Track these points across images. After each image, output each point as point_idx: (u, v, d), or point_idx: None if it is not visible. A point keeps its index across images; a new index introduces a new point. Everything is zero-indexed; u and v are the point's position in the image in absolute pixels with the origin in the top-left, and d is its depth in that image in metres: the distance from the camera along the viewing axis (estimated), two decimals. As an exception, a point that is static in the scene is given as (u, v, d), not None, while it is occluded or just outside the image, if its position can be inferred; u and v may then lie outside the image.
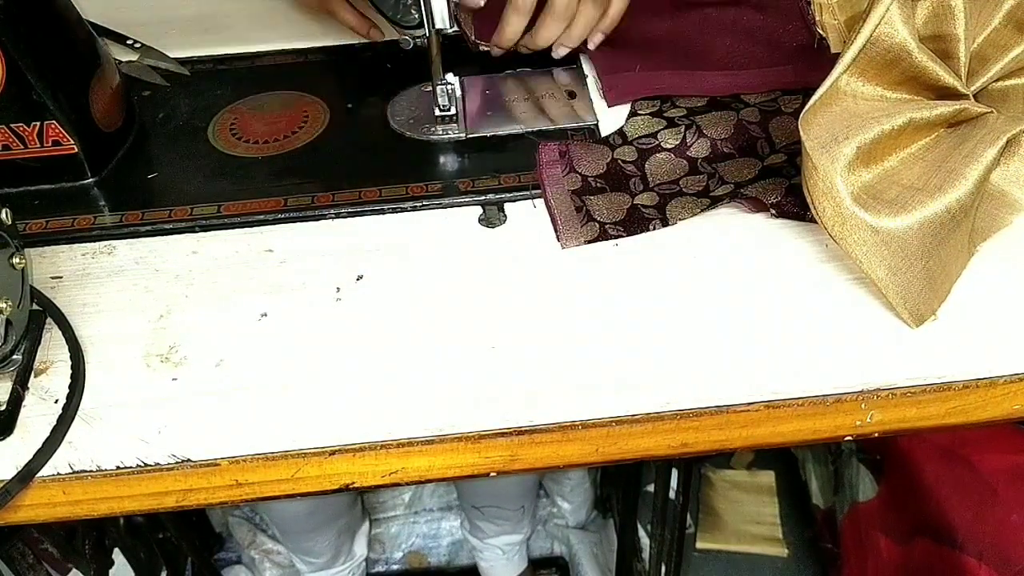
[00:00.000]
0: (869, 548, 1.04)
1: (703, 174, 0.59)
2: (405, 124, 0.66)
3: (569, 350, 0.49)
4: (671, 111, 0.63)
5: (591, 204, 0.57)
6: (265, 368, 0.49)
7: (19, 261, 0.49)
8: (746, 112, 0.62)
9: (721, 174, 0.58)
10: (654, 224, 0.55)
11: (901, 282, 0.48)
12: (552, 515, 1.44)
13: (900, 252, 0.48)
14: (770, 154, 0.59)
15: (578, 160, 0.60)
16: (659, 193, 0.57)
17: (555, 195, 0.58)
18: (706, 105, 0.64)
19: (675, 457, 0.51)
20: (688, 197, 0.57)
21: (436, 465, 0.47)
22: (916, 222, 0.48)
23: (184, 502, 0.46)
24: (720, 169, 0.59)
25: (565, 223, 0.56)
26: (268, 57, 0.75)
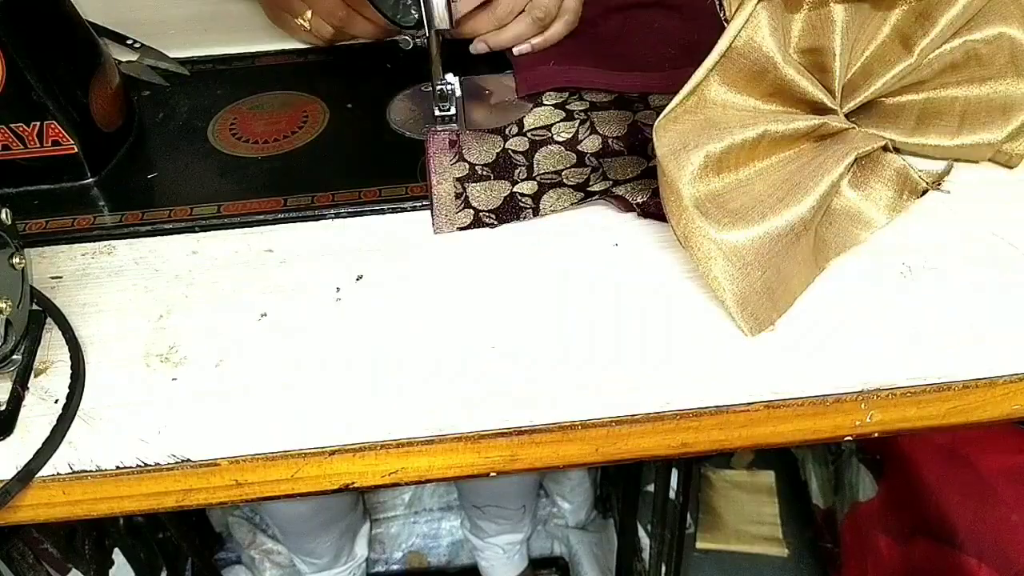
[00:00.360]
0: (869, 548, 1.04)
1: (587, 167, 0.60)
2: (405, 124, 0.66)
3: (569, 350, 0.49)
4: (574, 103, 0.66)
5: (471, 191, 0.58)
6: (265, 368, 0.49)
7: (19, 261, 0.49)
8: (644, 114, 0.64)
9: (605, 169, 0.60)
10: (526, 214, 0.57)
11: (738, 291, 0.49)
12: (552, 515, 1.44)
13: (738, 262, 0.48)
14: None
15: (468, 149, 0.62)
16: (539, 182, 0.59)
17: (438, 182, 0.59)
18: (610, 102, 0.66)
19: (675, 457, 0.51)
20: (565, 189, 0.58)
21: (436, 465, 0.47)
22: (756, 234, 0.49)
23: (184, 502, 0.46)
24: (605, 165, 0.60)
25: (442, 210, 0.57)
26: (268, 57, 0.75)
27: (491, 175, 0.60)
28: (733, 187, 0.51)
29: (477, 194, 0.58)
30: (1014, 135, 0.57)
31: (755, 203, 0.50)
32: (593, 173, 0.60)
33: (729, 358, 0.48)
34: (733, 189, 0.51)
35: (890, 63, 0.55)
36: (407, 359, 0.49)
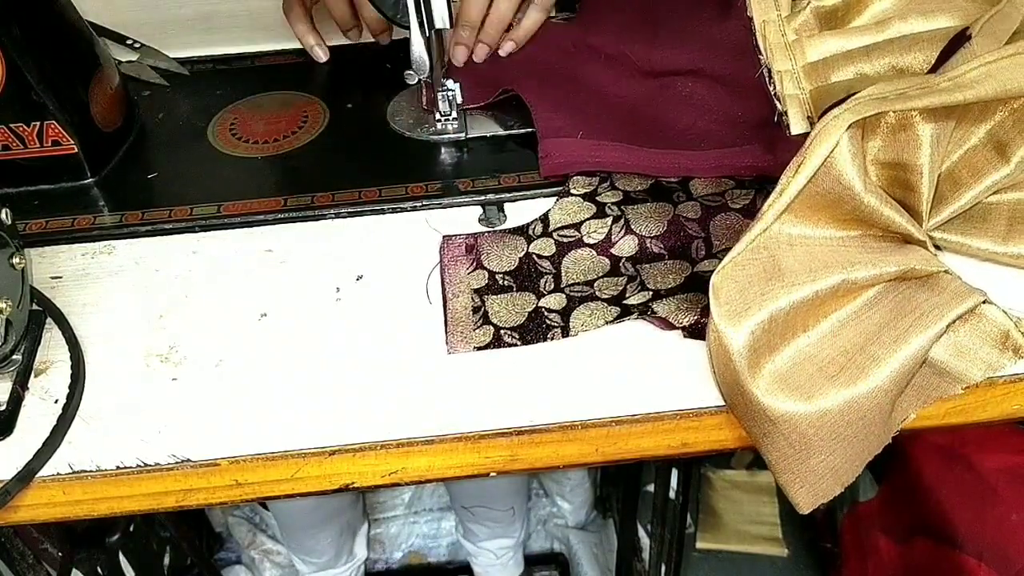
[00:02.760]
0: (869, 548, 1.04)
1: (623, 276, 0.52)
2: (405, 124, 0.66)
3: (569, 350, 0.49)
4: (606, 194, 0.57)
5: (491, 305, 0.51)
6: (265, 368, 0.49)
7: (19, 261, 0.49)
8: (686, 206, 0.55)
9: (643, 278, 0.52)
10: (553, 333, 0.50)
11: (795, 471, 0.43)
12: (552, 515, 1.44)
13: (799, 443, 0.42)
14: (704, 258, 0.53)
15: (487, 255, 0.54)
16: (568, 295, 0.52)
17: (454, 295, 0.52)
18: (646, 191, 0.57)
19: (675, 457, 0.51)
20: (598, 304, 0.51)
21: (436, 465, 0.47)
22: (821, 412, 0.42)
23: (184, 502, 0.46)
24: (644, 272, 0.52)
25: (457, 325, 0.50)
26: (268, 57, 0.76)
27: (513, 285, 0.53)
28: (794, 359, 0.44)
29: (498, 309, 0.51)
30: None
31: (823, 374, 0.43)
32: (630, 283, 0.52)
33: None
34: (799, 358, 0.44)
35: (982, 172, 0.48)
36: (407, 359, 0.49)
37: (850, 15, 0.60)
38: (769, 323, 0.42)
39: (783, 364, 0.43)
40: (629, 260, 0.53)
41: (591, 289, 0.52)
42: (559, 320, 0.50)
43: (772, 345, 0.43)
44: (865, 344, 0.44)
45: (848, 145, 0.42)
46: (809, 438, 0.42)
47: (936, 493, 0.89)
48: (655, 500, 1.03)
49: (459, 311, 0.51)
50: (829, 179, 0.43)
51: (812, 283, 0.43)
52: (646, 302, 0.50)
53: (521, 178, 0.60)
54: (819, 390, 0.42)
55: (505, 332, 0.50)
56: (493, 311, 0.51)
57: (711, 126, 0.61)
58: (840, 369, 0.43)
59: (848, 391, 0.42)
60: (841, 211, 0.45)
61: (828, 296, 0.43)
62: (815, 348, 0.44)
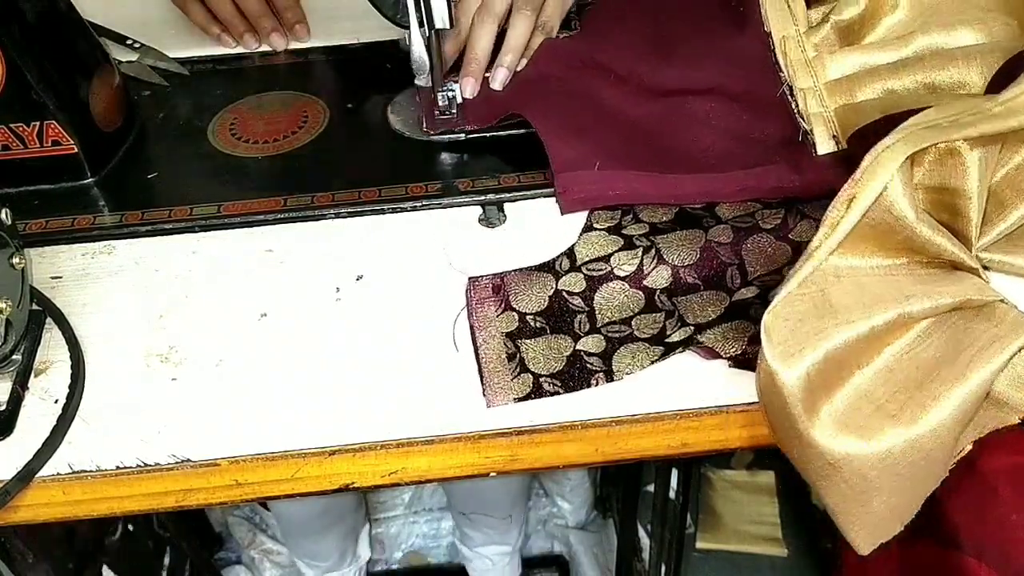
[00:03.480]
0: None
1: (660, 311, 0.50)
2: (405, 124, 0.66)
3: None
4: (631, 227, 0.54)
5: (526, 350, 0.49)
6: (265, 368, 0.49)
7: (19, 261, 0.49)
8: (716, 231, 0.53)
9: (682, 312, 0.50)
10: (597, 379, 0.48)
11: (854, 514, 0.42)
12: (552, 515, 1.44)
13: (858, 484, 0.41)
14: (741, 286, 0.51)
15: (515, 294, 0.52)
16: (607, 337, 0.50)
17: (485, 341, 0.50)
18: (672, 220, 0.55)
19: (675, 457, 0.51)
20: (639, 344, 0.49)
21: (436, 465, 0.47)
22: (880, 454, 0.41)
23: (184, 502, 0.46)
24: (681, 305, 0.51)
25: (493, 376, 0.48)
26: (268, 57, 0.75)
27: (547, 327, 0.50)
28: (857, 395, 0.42)
29: (534, 355, 0.49)
30: None
31: (883, 413, 0.41)
32: (668, 319, 0.50)
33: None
34: (857, 397, 0.42)
35: None
36: (407, 359, 0.49)
37: (865, 29, 0.58)
38: (824, 363, 0.41)
39: (841, 405, 0.42)
40: (664, 292, 0.51)
41: (629, 328, 0.50)
42: (600, 364, 0.48)
43: (828, 385, 0.42)
44: (924, 380, 0.42)
45: (899, 175, 0.41)
46: (870, 480, 0.41)
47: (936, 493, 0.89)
48: (655, 500, 1.03)
49: (493, 359, 0.49)
50: (880, 209, 0.42)
51: (867, 319, 0.41)
52: (690, 337, 0.48)
53: (521, 178, 0.60)
54: (879, 430, 0.41)
55: (545, 380, 0.48)
56: (530, 357, 0.49)
57: (730, 146, 0.59)
58: (900, 407, 0.41)
59: (910, 430, 0.40)
60: (890, 240, 0.43)
61: (883, 331, 0.42)
62: (872, 385, 0.43)
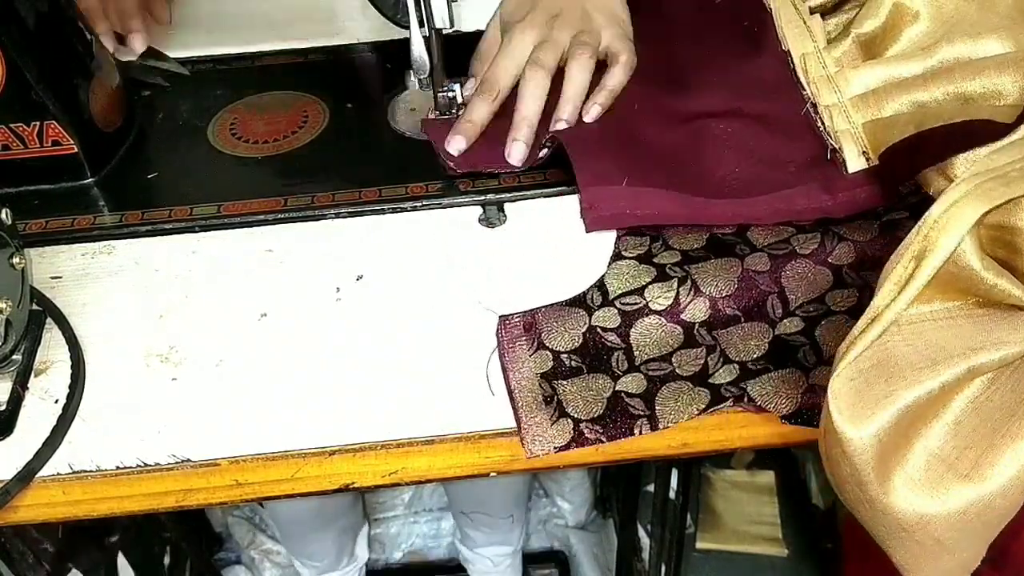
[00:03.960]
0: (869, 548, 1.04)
1: (701, 347, 0.48)
2: (405, 124, 0.66)
3: (569, 350, 0.49)
4: (663, 255, 0.52)
5: (563, 393, 0.47)
6: (265, 368, 0.49)
7: (19, 261, 0.49)
8: (752, 259, 0.51)
9: (723, 347, 0.48)
10: (640, 426, 0.46)
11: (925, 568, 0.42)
12: (552, 515, 1.44)
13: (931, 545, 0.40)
14: (784, 317, 0.49)
15: (548, 332, 0.49)
16: (647, 376, 0.48)
17: (519, 383, 0.47)
18: (704, 247, 0.53)
19: (675, 457, 0.51)
20: (682, 383, 0.47)
21: (436, 465, 0.47)
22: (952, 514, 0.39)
23: (184, 502, 0.46)
24: (722, 339, 0.49)
25: (531, 421, 0.46)
26: (268, 57, 0.75)
27: (583, 366, 0.48)
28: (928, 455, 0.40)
29: (572, 397, 0.47)
30: None
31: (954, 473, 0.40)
32: (710, 355, 0.48)
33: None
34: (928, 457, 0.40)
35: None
36: (407, 359, 0.49)
37: (887, 41, 0.57)
38: (895, 425, 0.39)
39: (913, 467, 0.40)
40: (703, 326, 0.49)
41: (669, 366, 0.48)
42: (643, 407, 0.46)
43: (899, 447, 0.40)
44: (991, 435, 0.40)
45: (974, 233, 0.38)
46: (942, 541, 0.40)
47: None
48: (655, 500, 1.03)
49: (529, 402, 0.47)
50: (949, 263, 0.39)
51: (935, 376, 0.39)
52: (735, 380, 0.47)
53: (521, 178, 0.60)
54: (951, 490, 0.39)
55: (585, 425, 0.46)
56: (567, 400, 0.47)
57: (757, 169, 0.57)
58: (972, 466, 0.40)
59: (981, 488, 0.39)
60: (952, 286, 0.41)
61: (952, 386, 0.40)
62: (941, 442, 0.41)
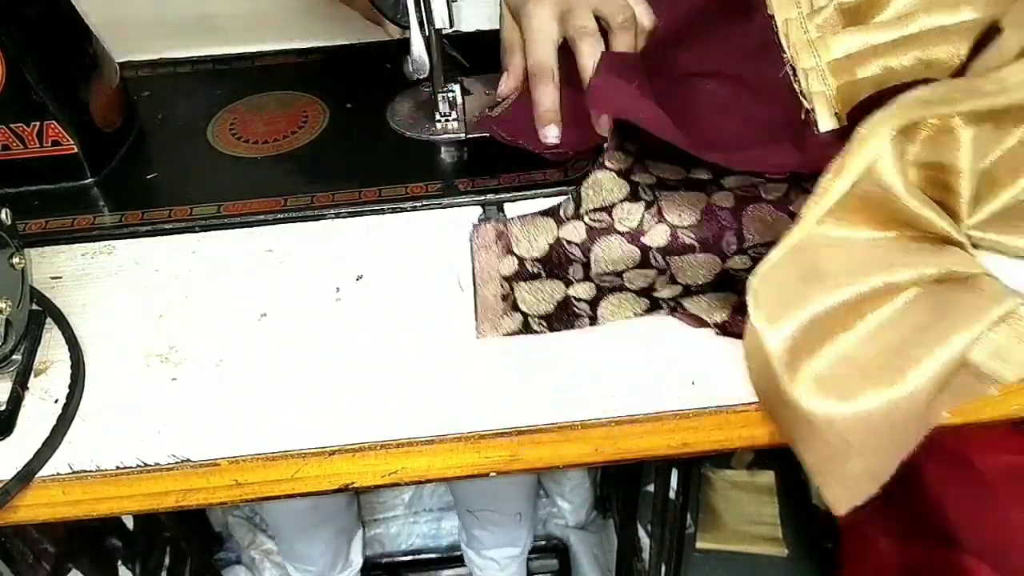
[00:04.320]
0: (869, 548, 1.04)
1: (653, 268, 0.52)
2: (405, 124, 0.66)
3: (569, 350, 0.49)
4: (640, 175, 0.55)
5: (519, 292, 0.52)
6: (265, 368, 0.49)
7: (19, 261, 0.49)
8: (719, 196, 0.54)
9: (673, 271, 0.52)
10: (581, 322, 0.50)
11: (833, 474, 0.43)
12: (552, 515, 1.44)
13: (837, 444, 0.43)
14: (736, 254, 0.52)
15: (517, 241, 0.54)
16: (598, 286, 0.52)
17: (483, 279, 0.53)
18: (680, 181, 0.56)
19: (675, 457, 0.51)
20: (627, 294, 0.51)
21: (436, 465, 0.47)
22: (859, 413, 0.42)
23: (184, 502, 0.46)
24: (674, 264, 0.52)
25: (486, 311, 0.51)
26: (268, 57, 0.75)
27: (543, 272, 0.53)
28: (839, 358, 0.43)
29: (526, 296, 0.52)
30: None
31: (863, 376, 0.43)
32: (660, 276, 0.52)
33: (729, 358, 0.48)
34: (839, 360, 0.43)
35: (1019, 172, 0.48)
36: (407, 359, 0.49)
37: (873, 11, 0.59)
38: (809, 325, 0.42)
39: (823, 366, 0.43)
40: (660, 251, 0.52)
41: (620, 280, 0.52)
42: (588, 310, 0.51)
43: (811, 347, 0.43)
44: (903, 346, 0.43)
45: (890, 147, 0.42)
46: (848, 441, 0.42)
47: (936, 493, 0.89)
48: (655, 500, 1.03)
49: (488, 298, 0.52)
50: (870, 182, 0.43)
51: (852, 285, 0.43)
52: (676, 297, 0.50)
53: (521, 178, 0.60)
54: (859, 392, 0.42)
55: (532, 319, 0.51)
56: (522, 298, 0.51)
57: (736, 127, 0.60)
58: (880, 370, 0.43)
59: (888, 393, 0.42)
60: (881, 213, 0.45)
61: (868, 297, 0.44)
62: (854, 350, 0.44)
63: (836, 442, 0.42)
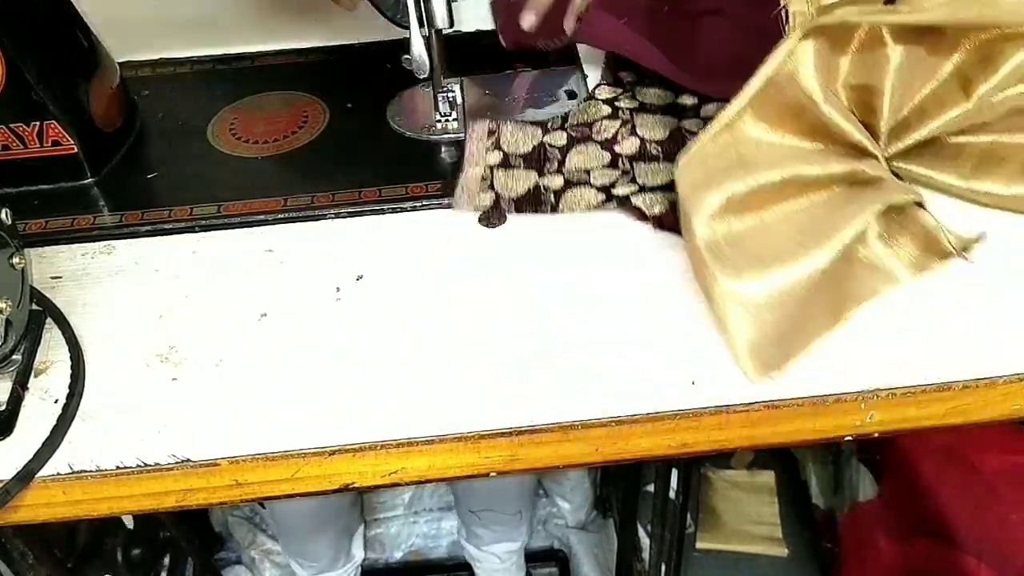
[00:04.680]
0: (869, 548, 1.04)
1: (619, 170, 0.59)
2: (405, 124, 0.66)
3: (569, 350, 0.49)
4: (624, 99, 0.64)
5: (498, 178, 0.59)
6: (265, 368, 0.49)
7: (19, 261, 0.49)
8: (691, 122, 0.62)
9: (635, 173, 0.58)
10: (544, 208, 0.57)
11: (748, 337, 0.47)
12: (552, 515, 1.44)
13: (751, 308, 0.47)
14: None
15: (505, 139, 0.62)
16: (567, 180, 0.59)
17: (470, 165, 0.60)
18: (660, 108, 0.64)
19: (675, 457, 0.51)
20: (590, 189, 0.58)
21: (436, 465, 0.47)
22: (772, 281, 0.47)
23: (184, 502, 0.46)
24: (639, 169, 0.59)
25: (465, 188, 0.58)
26: (268, 57, 0.75)
27: (522, 164, 0.60)
28: (753, 230, 0.49)
29: (503, 181, 0.59)
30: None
31: (774, 249, 0.48)
32: (623, 176, 0.58)
33: (729, 358, 0.48)
34: (753, 233, 0.49)
35: (946, 106, 0.52)
36: (407, 359, 0.49)
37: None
38: (727, 200, 0.48)
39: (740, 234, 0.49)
40: (628, 158, 0.59)
41: (587, 176, 0.59)
42: (553, 199, 0.58)
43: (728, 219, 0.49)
44: (814, 224, 0.49)
45: (814, 58, 0.48)
46: (758, 303, 0.47)
47: (936, 493, 0.89)
48: (655, 500, 1.03)
49: (471, 179, 0.59)
50: (794, 89, 0.48)
51: (768, 172, 0.49)
52: (627, 195, 0.57)
53: (521, 178, 0.60)
54: (772, 259, 0.48)
55: (504, 200, 0.58)
56: (499, 182, 0.59)
57: (725, 62, 0.64)
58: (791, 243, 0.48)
59: (798, 264, 0.48)
60: (805, 121, 0.50)
61: (781, 187, 0.50)
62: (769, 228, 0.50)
63: (745, 314, 0.47)
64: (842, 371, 0.47)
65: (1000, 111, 0.52)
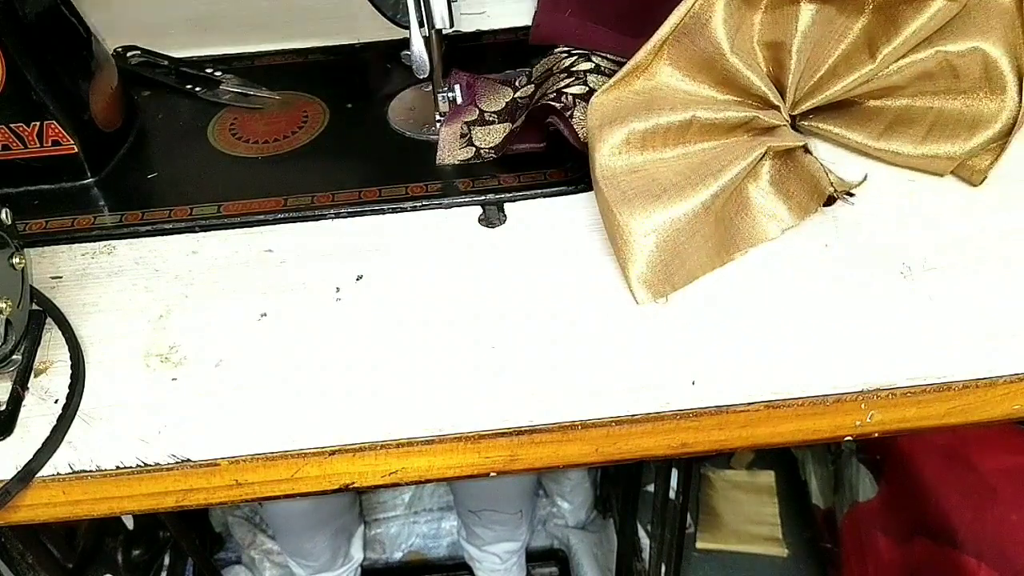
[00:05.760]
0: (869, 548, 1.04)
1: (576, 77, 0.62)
2: (405, 124, 0.66)
3: (569, 350, 0.49)
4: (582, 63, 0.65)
5: (475, 133, 0.64)
6: (265, 368, 0.49)
7: (19, 261, 0.49)
8: None
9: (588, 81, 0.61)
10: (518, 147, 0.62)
11: (637, 261, 0.51)
12: (552, 515, 1.44)
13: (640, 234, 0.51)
14: None
15: (480, 96, 0.67)
16: (530, 114, 0.62)
17: (448, 123, 0.65)
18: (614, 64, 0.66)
19: (675, 457, 0.51)
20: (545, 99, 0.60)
21: (436, 465, 0.47)
22: (659, 210, 0.51)
23: (184, 502, 0.46)
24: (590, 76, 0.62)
25: (445, 144, 0.63)
26: (268, 57, 0.75)
27: (496, 120, 0.65)
28: (651, 164, 0.53)
29: (480, 136, 0.63)
30: (976, 151, 0.56)
31: (665, 183, 0.52)
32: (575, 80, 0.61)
33: (729, 358, 0.48)
34: (650, 166, 0.52)
35: (853, 66, 0.54)
36: (407, 359, 0.49)
37: None
38: (628, 135, 0.52)
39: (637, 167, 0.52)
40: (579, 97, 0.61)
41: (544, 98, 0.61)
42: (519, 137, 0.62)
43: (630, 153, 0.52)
44: (705, 163, 0.53)
45: (723, 10, 0.50)
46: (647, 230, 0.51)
47: (936, 493, 0.89)
48: (655, 500, 1.03)
49: (449, 135, 0.64)
50: (704, 39, 0.51)
51: (671, 114, 0.52)
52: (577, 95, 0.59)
53: (521, 178, 0.60)
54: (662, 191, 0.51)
55: (483, 151, 0.62)
56: (476, 136, 0.64)
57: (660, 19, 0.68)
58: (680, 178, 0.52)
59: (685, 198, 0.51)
60: (716, 72, 0.53)
61: (681, 128, 0.53)
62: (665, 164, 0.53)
63: (636, 242, 0.51)
64: (842, 371, 0.47)
65: (909, 75, 0.55)
